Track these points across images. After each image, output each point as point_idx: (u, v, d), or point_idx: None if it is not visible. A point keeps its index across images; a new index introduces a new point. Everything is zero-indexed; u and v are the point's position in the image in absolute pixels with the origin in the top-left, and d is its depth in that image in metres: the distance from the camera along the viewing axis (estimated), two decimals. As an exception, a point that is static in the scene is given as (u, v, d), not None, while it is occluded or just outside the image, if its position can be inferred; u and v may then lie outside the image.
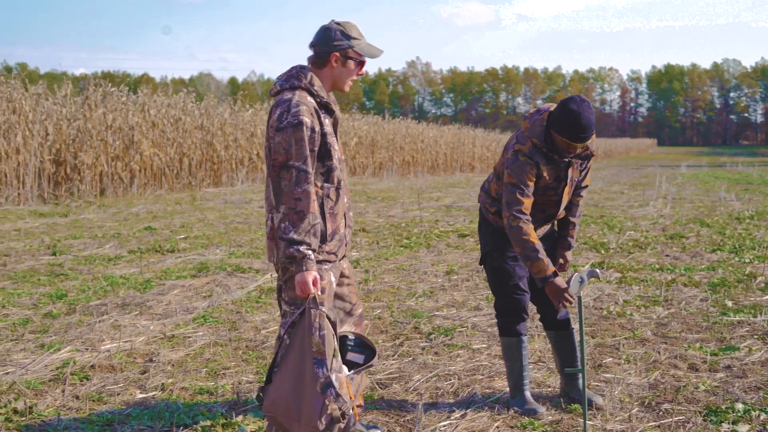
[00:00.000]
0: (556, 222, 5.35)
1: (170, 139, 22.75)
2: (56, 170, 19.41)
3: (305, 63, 4.25)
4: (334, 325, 3.99)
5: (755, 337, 6.93)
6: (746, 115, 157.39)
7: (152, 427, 4.88)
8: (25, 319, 7.39)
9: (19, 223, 14.64)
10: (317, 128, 4.04)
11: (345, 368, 4.07)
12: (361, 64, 4.23)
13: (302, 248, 3.94)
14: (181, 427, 4.87)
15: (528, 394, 5.19)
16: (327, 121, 4.15)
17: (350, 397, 3.96)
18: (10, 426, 4.87)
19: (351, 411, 3.94)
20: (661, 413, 5.12)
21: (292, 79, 4.13)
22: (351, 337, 4.27)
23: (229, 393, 5.50)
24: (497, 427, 4.87)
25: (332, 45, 4.14)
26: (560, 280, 4.82)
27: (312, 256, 3.98)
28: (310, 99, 4.08)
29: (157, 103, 23.15)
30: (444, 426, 4.86)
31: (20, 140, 17.82)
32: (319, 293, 4.02)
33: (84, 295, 8.45)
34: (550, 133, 4.82)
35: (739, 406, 5.14)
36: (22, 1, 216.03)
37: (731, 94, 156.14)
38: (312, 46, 4.19)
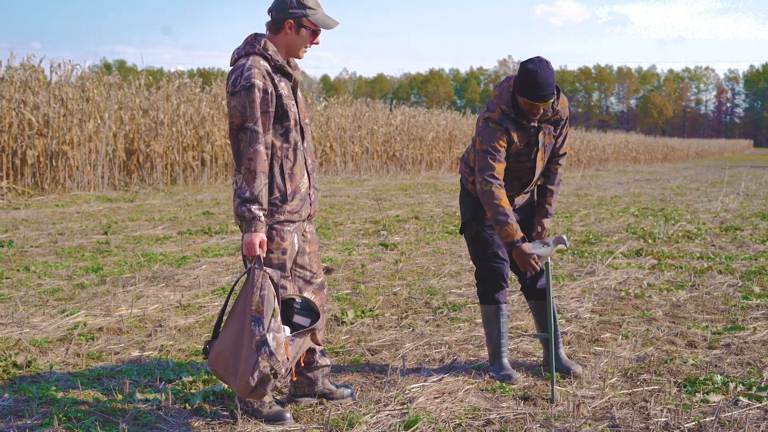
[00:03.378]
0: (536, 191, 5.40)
1: (242, 130, 23.17)
2: (128, 159, 19.98)
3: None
4: (276, 286, 4.12)
5: (768, 319, 6.85)
6: None
7: (138, 381, 5.08)
8: (56, 288, 7.71)
9: (84, 206, 15.15)
10: (270, 89, 4.18)
11: (286, 329, 4.19)
12: (315, 33, 4.34)
13: (253, 208, 4.09)
14: (164, 382, 5.06)
15: (506, 361, 5.25)
16: (283, 84, 4.28)
17: (287, 358, 4.07)
18: (5, 377, 5.13)
19: (285, 371, 4.06)
20: (638, 383, 5.12)
21: (248, 46, 4.28)
22: (298, 300, 4.38)
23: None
24: (467, 390, 4.94)
25: (287, 12, 4.26)
26: (527, 246, 4.88)
27: (262, 218, 4.12)
28: (263, 63, 4.22)
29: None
30: (415, 387, 4.95)
31: (92, 128, 18.39)
32: (264, 255, 4.16)
33: (119, 269, 8.76)
34: (515, 97, 4.90)
35: (717, 378, 5.11)
36: (123, 1, 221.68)
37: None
38: (269, 11, 4.32)
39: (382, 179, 26.76)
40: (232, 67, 4.27)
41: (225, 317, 4.23)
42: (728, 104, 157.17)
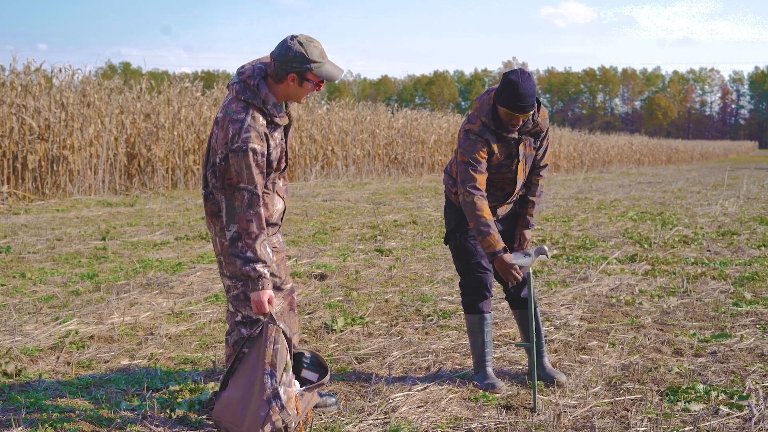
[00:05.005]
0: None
1: (245, 134, 23.24)
2: (129, 163, 20.06)
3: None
4: (289, 341, 4.23)
5: (757, 326, 6.88)
6: None
7: (126, 390, 5.14)
8: (50, 296, 7.77)
9: (84, 211, 15.21)
10: (265, 152, 4.26)
11: (296, 384, 4.30)
12: (320, 83, 4.34)
13: (258, 267, 4.19)
14: (152, 391, 5.12)
15: (490, 369, 5.31)
16: (276, 134, 4.34)
17: (297, 412, 4.19)
18: (-6, 385, 5.20)
19: (295, 425, 4.16)
20: (621, 392, 5.17)
21: (248, 91, 4.25)
22: (307, 355, 4.54)
23: (210, 363, 5.74)
24: (450, 399, 4.99)
25: (291, 66, 4.23)
26: (509, 256, 4.93)
27: (267, 275, 4.22)
28: (261, 120, 4.24)
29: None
30: (399, 396, 5.00)
31: (93, 133, 18.47)
32: (274, 311, 4.26)
33: (114, 275, 8.81)
34: (495, 108, 4.96)
35: (700, 386, 5.15)
36: (128, 3, 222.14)
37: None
38: (272, 57, 4.28)
39: (383, 182, 26.80)
40: (230, 112, 4.25)
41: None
42: (733, 106, 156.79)
